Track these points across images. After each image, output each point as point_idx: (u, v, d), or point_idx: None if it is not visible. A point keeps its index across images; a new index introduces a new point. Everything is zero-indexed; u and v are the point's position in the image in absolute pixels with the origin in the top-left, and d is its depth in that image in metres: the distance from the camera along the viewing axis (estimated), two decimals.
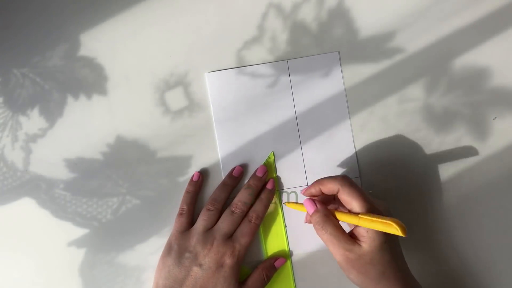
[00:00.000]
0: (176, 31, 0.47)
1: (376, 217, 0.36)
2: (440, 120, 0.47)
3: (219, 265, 0.42)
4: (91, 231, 0.46)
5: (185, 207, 0.45)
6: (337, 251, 0.38)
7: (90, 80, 0.47)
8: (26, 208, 0.45)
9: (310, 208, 0.40)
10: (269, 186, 0.45)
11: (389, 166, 0.46)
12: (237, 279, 0.42)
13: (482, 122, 0.47)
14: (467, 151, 0.46)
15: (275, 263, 0.44)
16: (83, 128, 0.46)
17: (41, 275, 0.45)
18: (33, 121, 0.46)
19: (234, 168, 0.46)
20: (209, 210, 0.44)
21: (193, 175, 0.46)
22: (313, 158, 0.46)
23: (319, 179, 0.41)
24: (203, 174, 0.46)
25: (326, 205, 0.41)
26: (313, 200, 0.41)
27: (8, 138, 0.46)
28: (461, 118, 0.47)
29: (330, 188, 0.40)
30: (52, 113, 0.46)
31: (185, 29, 0.47)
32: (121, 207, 0.46)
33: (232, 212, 0.44)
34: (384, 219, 0.35)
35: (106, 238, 0.46)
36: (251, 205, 0.45)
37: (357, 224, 0.37)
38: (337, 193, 0.40)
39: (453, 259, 0.45)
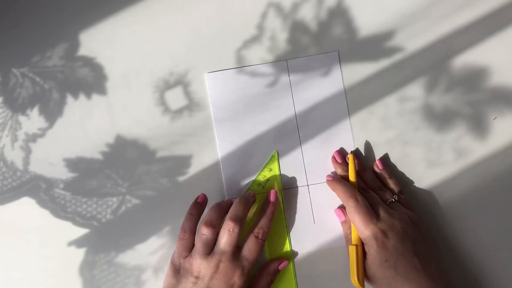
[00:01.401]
0: (176, 31, 0.47)
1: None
2: (440, 119, 0.47)
3: (229, 286, 0.40)
4: (91, 231, 0.46)
5: (186, 231, 0.42)
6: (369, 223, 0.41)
7: (89, 79, 0.47)
8: (26, 208, 0.45)
9: (341, 216, 0.45)
10: (272, 198, 0.44)
11: (389, 165, 0.46)
12: None
13: (482, 121, 0.47)
14: (467, 151, 0.46)
15: (278, 267, 0.44)
16: (83, 128, 0.46)
17: (41, 275, 0.45)
18: (32, 121, 0.46)
19: (199, 196, 0.44)
20: (204, 234, 0.41)
21: (198, 197, 0.44)
22: (313, 158, 0.46)
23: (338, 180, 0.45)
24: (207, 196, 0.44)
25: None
26: (341, 209, 0.45)
27: (8, 138, 0.46)
28: (461, 117, 0.47)
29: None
30: (52, 112, 0.46)
31: (185, 29, 0.47)
32: (121, 207, 0.46)
33: (229, 231, 0.41)
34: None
35: (106, 238, 0.45)
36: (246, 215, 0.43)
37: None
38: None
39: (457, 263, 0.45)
